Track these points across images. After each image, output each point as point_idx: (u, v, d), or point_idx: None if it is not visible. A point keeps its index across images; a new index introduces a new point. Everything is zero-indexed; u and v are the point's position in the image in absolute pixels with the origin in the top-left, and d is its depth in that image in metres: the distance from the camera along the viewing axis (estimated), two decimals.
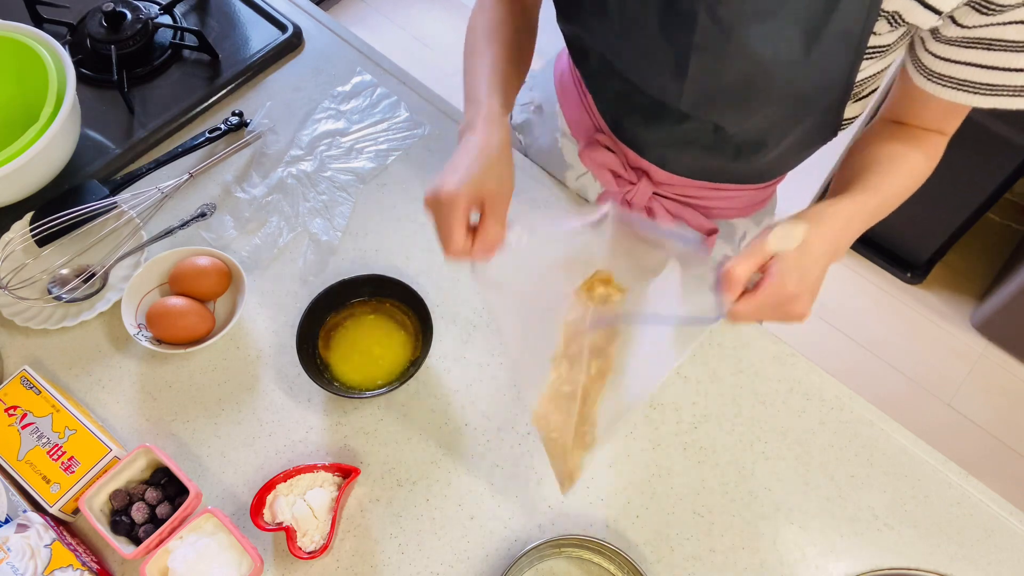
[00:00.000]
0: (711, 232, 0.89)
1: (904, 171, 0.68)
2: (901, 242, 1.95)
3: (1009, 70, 0.57)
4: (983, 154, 1.60)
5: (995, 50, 0.56)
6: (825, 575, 0.74)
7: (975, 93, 0.60)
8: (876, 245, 2.00)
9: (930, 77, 0.62)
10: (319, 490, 0.72)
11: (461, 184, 0.62)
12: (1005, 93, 0.59)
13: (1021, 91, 0.58)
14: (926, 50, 0.61)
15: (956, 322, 1.94)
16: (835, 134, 0.71)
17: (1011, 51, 0.56)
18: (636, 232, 0.71)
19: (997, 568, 0.74)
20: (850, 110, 0.69)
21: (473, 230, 0.64)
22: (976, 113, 0.65)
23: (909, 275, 1.98)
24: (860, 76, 0.63)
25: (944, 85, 0.62)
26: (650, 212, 0.89)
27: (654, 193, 0.87)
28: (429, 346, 0.79)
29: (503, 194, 0.65)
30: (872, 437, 0.81)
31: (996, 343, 1.90)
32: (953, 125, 0.69)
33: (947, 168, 1.77)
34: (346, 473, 0.74)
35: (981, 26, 0.55)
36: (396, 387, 0.78)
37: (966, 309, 1.96)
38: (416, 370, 0.78)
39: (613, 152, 0.86)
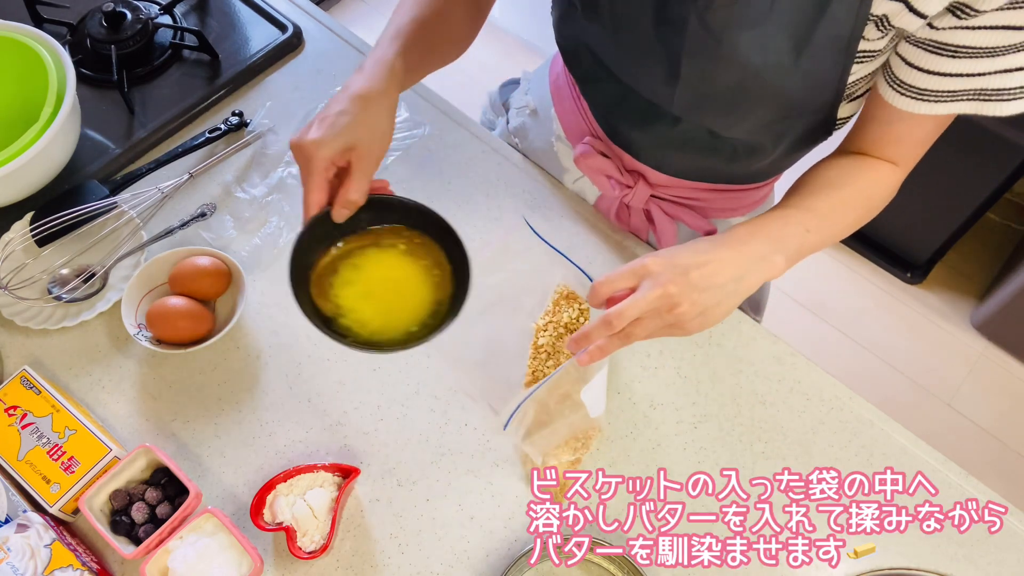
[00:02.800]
0: (709, 232, 0.89)
1: (840, 195, 0.66)
2: (901, 242, 1.95)
3: (971, 75, 0.57)
4: (983, 154, 1.60)
5: (960, 57, 0.56)
6: (826, 575, 0.74)
7: (937, 102, 0.60)
8: (876, 245, 2.00)
9: (892, 83, 0.62)
10: (319, 490, 0.72)
11: (325, 135, 0.58)
12: (965, 98, 0.58)
13: (980, 94, 0.57)
14: (894, 51, 0.61)
15: (956, 322, 1.94)
16: (830, 134, 0.71)
17: (974, 56, 0.55)
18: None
19: (997, 568, 0.74)
20: (844, 110, 0.69)
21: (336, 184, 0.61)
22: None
23: (909, 275, 1.98)
24: (851, 78, 0.63)
25: (903, 93, 0.61)
26: (648, 214, 0.89)
27: (651, 196, 0.87)
28: (468, 274, 0.63)
29: (373, 149, 0.61)
30: (872, 437, 0.81)
31: (996, 343, 1.90)
32: (910, 156, 0.68)
33: (947, 168, 1.78)
34: (346, 473, 0.74)
35: (951, 28, 0.55)
36: (441, 329, 0.63)
37: (966, 309, 1.96)
38: (460, 305, 0.63)
39: (608, 157, 0.86)
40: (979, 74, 0.56)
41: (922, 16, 0.55)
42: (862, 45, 0.59)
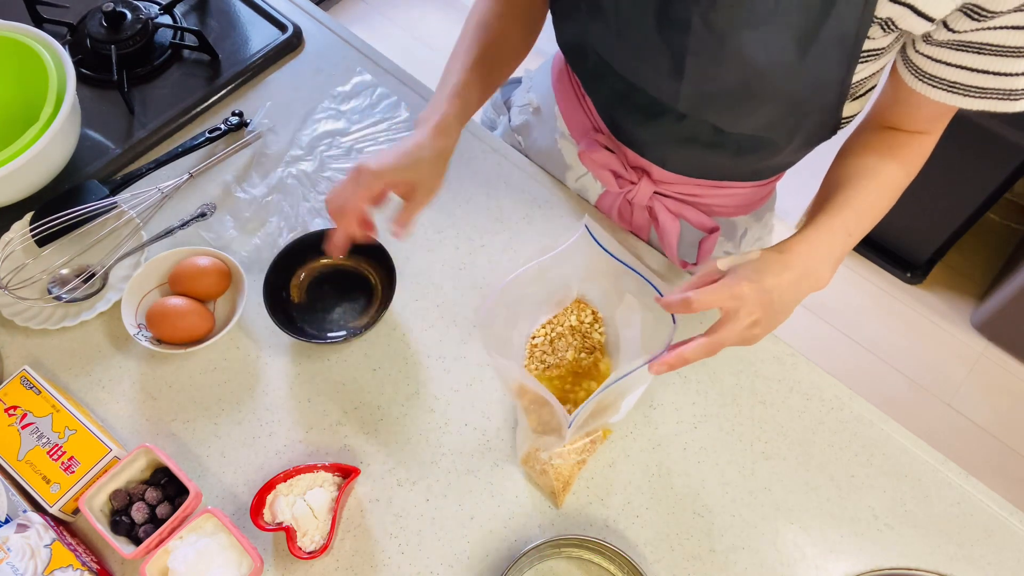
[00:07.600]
0: (712, 230, 0.89)
1: (876, 184, 0.69)
2: (901, 242, 1.95)
3: (999, 74, 0.57)
4: (983, 154, 1.60)
5: (985, 54, 0.56)
6: (825, 575, 0.74)
7: (965, 95, 0.60)
8: (876, 245, 2.00)
9: (921, 77, 0.62)
10: (319, 490, 0.72)
11: (384, 168, 0.69)
12: (994, 96, 0.59)
13: (1009, 94, 0.58)
14: (916, 51, 0.61)
15: (956, 322, 1.94)
16: (834, 132, 0.71)
17: (1000, 55, 0.56)
18: (600, 262, 0.74)
19: (997, 568, 0.74)
20: (849, 108, 0.69)
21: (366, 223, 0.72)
22: (975, 113, 0.65)
23: (909, 275, 1.98)
24: (856, 77, 0.63)
25: (934, 86, 0.62)
26: (651, 212, 0.90)
27: (655, 192, 0.87)
28: (392, 292, 0.82)
29: (424, 188, 0.71)
30: (872, 437, 0.81)
31: (996, 343, 1.90)
32: (941, 126, 0.70)
33: (947, 168, 1.78)
34: (346, 473, 0.74)
35: (971, 31, 0.55)
36: (360, 332, 0.81)
37: (966, 309, 1.96)
38: (380, 315, 0.81)
39: (612, 152, 0.86)
40: (1007, 74, 0.57)
41: (929, 19, 0.55)
42: (867, 44, 0.59)
